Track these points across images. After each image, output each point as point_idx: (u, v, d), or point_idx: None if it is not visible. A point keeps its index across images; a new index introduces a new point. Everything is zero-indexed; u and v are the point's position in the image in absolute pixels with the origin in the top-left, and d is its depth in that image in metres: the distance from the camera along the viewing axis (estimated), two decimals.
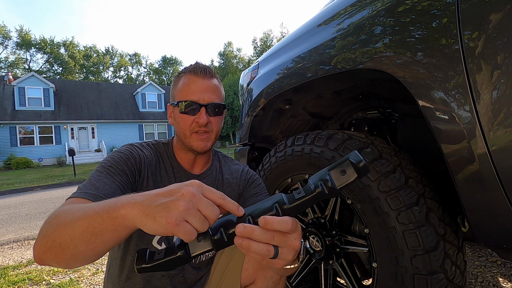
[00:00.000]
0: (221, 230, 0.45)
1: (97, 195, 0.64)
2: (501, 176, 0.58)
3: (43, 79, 18.26)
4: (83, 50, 39.26)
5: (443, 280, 0.74)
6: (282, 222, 0.44)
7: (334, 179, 0.46)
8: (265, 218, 0.44)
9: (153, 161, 0.85)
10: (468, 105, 0.60)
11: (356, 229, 1.06)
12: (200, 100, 0.81)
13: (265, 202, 0.48)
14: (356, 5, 0.87)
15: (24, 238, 3.12)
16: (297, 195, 0.46)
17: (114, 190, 0.68)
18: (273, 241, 0.45)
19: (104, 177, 0.70)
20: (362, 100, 1.31)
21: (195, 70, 0.83)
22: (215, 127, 0.85)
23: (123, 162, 0.76)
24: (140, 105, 21.18)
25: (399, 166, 0.83)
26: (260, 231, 0.44)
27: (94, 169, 0.74)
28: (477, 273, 1.54)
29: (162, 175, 0.86)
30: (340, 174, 0.46)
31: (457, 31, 0.60)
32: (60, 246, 0.49)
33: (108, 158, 0.76)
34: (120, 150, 0.80)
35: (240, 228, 0.44)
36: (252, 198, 0.93)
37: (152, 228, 0.43)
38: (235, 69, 41.12)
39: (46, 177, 10.76)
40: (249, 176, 0.98)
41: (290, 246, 0.46)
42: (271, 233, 0.44)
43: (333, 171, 0.46)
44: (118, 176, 0.72)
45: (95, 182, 0.68)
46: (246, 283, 0.89)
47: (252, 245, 0.44)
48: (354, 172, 0.45)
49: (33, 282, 1.90)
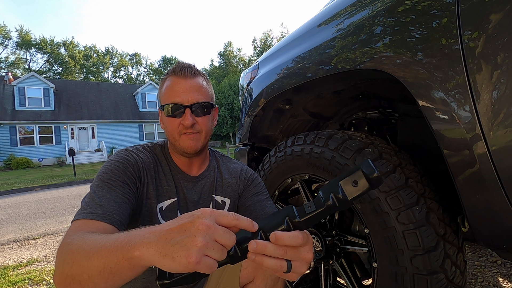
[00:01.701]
0: (235, 246, 0.45)
1: (104, 214, 0.63)
2: (501, 176, 0.58)
3: (43, 79, 18.27)
4: (83, 50, 39.25)
5: (443, 280, 0.74)
6: (293, 237, 0.44)
7: (346, 190, 0.44)
8: (276, 234, 0.44)
9: (151, 164, 0.83)
10: (468, 105, 0.60)
11: (356, 229, 1.06)
12: (184, 102, 0.78)
13: (276, 215, 0.47)
14: (356, 5, 0.87)
15: (24, 238, 3.12)
16: (307, 209, 0.46)
17: (119, 205, 0.67)
18: (286, 256, 0.44)
19: (106, 192, 0.68)
20: (362, 100, 1.31)
21: (176, 71, 0.80)
22: (204, 127, 0.82)
23: (122, 173, 0.73)
24: (140, 105, 21.18)
25: (399, 166, 0.83)
26: (272, 247, 0.44)
27: (94, 183, 0.71)
28: (477, 273, 1.54)
29: (161, 178, 0.84)
30: (352, 185, 0.44)
31: (457, 31, 0.60)
32: (80, 284, 0.49)
33: (105, 170, 0.73)
34: (116, 158, 0.77)
35: (253, 245, 0.44)
36: (253, 198, 0.93)
37: (173, 267, 0.42)
38: (235, 69, 41.12)
39: (46, 177, 10.76)
40: (248, 175, 0.97)
41: (303, 260, 0.46)
42: (283, 248, 0.44)
43: (343, 181, 0.44)
44: (120, 188, 0.70)
45: (98, 199, 0.66)
46: (245, 281, 0.89)
47: (265, 261, 0.44)
48: (367, 183, 0.43)
49: (33, 282, 1.90)
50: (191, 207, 0.87)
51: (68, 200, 5.61)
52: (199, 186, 0.90)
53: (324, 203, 0.44)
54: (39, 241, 2.95)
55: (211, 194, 0.91)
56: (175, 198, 0.84)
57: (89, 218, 0.62)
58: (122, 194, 0.70)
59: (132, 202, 0.73)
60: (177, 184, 0.86)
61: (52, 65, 36.82)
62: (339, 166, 0.91)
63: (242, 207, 0.96)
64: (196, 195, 0.89)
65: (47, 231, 3.34)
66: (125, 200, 0.70)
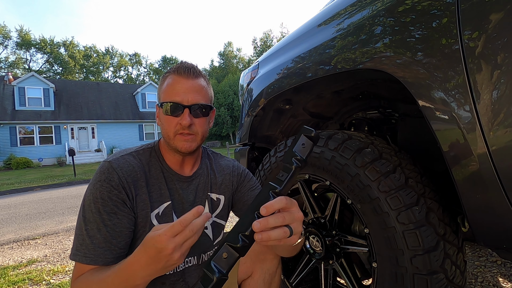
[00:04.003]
0: (240, 236, 0.50)
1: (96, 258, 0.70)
2: (501, 176, 0.58)
3: (43, 79, 18.26)
4: (83, 50, 39.26)
5: (443, 280, 0.74)
6: (278, 201, 0.51)
7: (300, 152, 0.56)
8: (264, 206, 0.50)
9: (138, 173, 0.79)
10: (468, 105, 0.60)
11: (356, 229, 1.06)
12: (183, 101, 0.78)
13: (260, 195, 0.54)
14: (356, 5, 0.87)
15: (24, 238, 3.12)
16: (282, 178, 0.55)
17: (110, 243, 0.71)
18: (285, 220, 0.51)
19: (96, 231, 0.71)
20: (362, 100, 1.31)
21: (179, 70, 0.80)
22: (200, 129, 0.81)
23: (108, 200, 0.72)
24: (140, 105, 21.18)
25: (399, 166, 0.83)
26: (273, 218, 0.50)
27: (86, 214, 0.71)
28: (477, 273, 1.54)
29: (153, 184, 0.82)
30: (302, 147, 0.57)
31: (457, 31, 0.60)
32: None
33: (93, 199, 0.72)
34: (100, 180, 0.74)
35: (256, 225, 0.49)
36: (250, 192, 0.96)
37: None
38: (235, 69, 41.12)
39: (46, 177, 10.76)
40: (240, 171, 0.99)
41: (297, 219, 0.54)
42: (280, 215, 0.51)
43: (296, 147, 0.57)
44: (107, 221, 0.72)
45: (90, 240, 0.70)
46: (244, 276, 0.90)
47: (271, 234, 0.49)
48: (310, 141, 0.57)
49: (33, 282, 1.90)
50: (187, 207, 0.86)
51: (68, 200, 5.61)
52: (194, 185, 0.89)
53: (290, 167, 0.55)
54: (39, 241, 2.95)
55: (206, 192, 0.92)
56: (169, 201, 0.83)
57: (84, 263, 0.70)
58: (112, 227, 0.72)
59: (127, 225, 0.75)
60: (170, 186, 0.85)
61: (52, 65, 36.82)
62: (339, 166, 0.91)
63: (239, 202, 0.97)
64: (192, 194, 0.88)
65: (47, 231, 3.34)
66: (119, 232, 0.73)
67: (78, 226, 0.73)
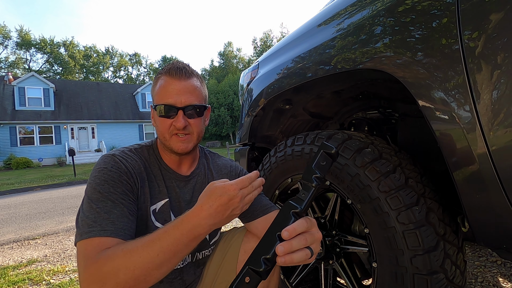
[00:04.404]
0: (262, 260, 0.50)
1: (117, 231, 0.63)
2: (501, 176, 0.58)
3: (43, 79, 18.27)
4: (83, 50, 39.27)
5: (443, 280, 0.74)
6: (301, 224, 0.52)
7: (320, 170, 0.56)
8: (286, 229, 0.50)
9: (141, 167, 0.80)
10: (468, 105, 0.60)
11: (356, 229, 1.06)
12: (177, 103, 0.77)
13: (280, 215, 0.54)
14: (356, 5, 0.87)
15: (24, 238, 3.12)
16: (303, 197, 0.54)
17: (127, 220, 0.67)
18: (307, 243, 0.51)
19: (111, 207, 0.66)
20: (362, 100, 1.31)
21: (170, 71, 0.78)
22: (196, 129, 0.81)
23: (119, 183, 0.70)
24: (140, 105, 21.18)
25: (399, 166, 0.83)
26: (296, 242, 0.50)
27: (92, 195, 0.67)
28: (477, 273, 1.54)
29: (152, 180, 0.82)
30: (321, 164, 0.57)
31: (457, 31, 0.60)
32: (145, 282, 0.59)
33: (100, 181, 0.69)
34: (107, 167, 0.72)
35: (280, 249, 0.49)
36: None
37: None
38: (235, 69, 41.12)
39: (46, 177, 10.76)
40: (238, 171, 0.99)
41: (317, 240, 0.55)
42: (303, 237, 0.51)
43: (315, 164, 0.57)
44: (122, 201, 0.69)
45: (107, 215, 0.64)
46: None
47: (293, 257, 0.50)
48: (330, 158, 0.58)
49: (33, 282, 1.90)
50: (184, 206, 0.86)
51: (68, 200, 5.61)
52: (191, 185, 0.89)
53: (311, 186, 0.55)
54: (39, 241, 2.95)
55: None
56: (166, 198, 0.83)
57: (104, 236, 0.61)
58: (127, 207, 0.69)
59: (135, 212, 0.72)
60: (168, 184, 0.85)
61: (52, 65, 36.83)
62: (339, 166, 0.91)
63: None
64: (189, 193, 0.88)
65: (47, 231, 3.34)
66: (131, 213, 0.69)
67: (87, 209, 0.66)
